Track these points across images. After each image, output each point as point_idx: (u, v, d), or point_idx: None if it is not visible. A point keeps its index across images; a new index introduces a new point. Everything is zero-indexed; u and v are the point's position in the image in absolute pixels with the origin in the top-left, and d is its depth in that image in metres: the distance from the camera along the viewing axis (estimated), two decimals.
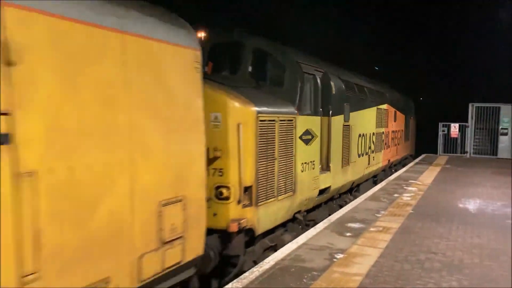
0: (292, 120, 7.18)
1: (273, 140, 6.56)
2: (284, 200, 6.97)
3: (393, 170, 16.56)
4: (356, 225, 7.49)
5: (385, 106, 14.51)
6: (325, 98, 8.62)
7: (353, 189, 11.62)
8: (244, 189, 5.86)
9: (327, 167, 8.80)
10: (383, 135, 14.35)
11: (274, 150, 6.58)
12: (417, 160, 19.51)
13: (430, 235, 6.91)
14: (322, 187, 8.53)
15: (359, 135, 11.33)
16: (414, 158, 20.71)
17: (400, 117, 17.49)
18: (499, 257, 5.89)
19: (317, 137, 8.22)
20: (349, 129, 10.31)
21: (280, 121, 6.76)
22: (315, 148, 8.18)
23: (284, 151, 6.91)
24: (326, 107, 8.62)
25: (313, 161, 8.07)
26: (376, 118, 13.32)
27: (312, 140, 8.00)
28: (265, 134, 6.32)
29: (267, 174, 6.39)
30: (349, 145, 10.36)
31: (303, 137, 7.60)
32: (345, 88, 9.93)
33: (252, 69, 7.45)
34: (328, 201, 9.59)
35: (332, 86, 8.93)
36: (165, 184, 4.24)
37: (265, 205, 6.35)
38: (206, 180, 5.01)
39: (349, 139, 10.35)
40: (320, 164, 8.48)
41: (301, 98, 7.57)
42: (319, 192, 8.45)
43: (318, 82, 8.39)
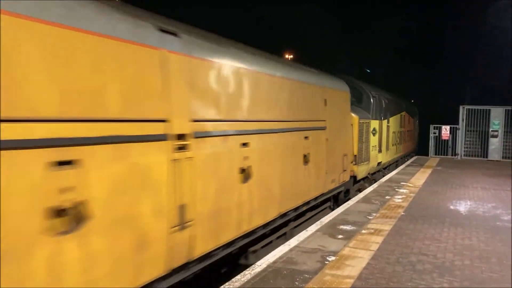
0: (369, 123, 13.46)
1: (362, 133, 12.53)
2: (365, 165, 12.98)
3: (406, 159, 21.91)
4: (348, 228, 7.50)
5: (403, 113, 20.81)
6: (379, 110, 14.82)
7: (386, 168, 17.39)
8: (354, 156, 11.78)
9: (380, 150, 15.11)
10: (403, 133, 20.62)
11: (363, 138, 12.58)
12: (409, 162, 19.61)
13: (422, 237, 6.94)
14: (379, 161, 15.12)
15: (393, 132, 17.82)
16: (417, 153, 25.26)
17: (410, 120, 23.48)
18: (490, 259, 5.93)
19: (377, 132, 14.45)
20: (389, 128, 16.79)
21: (366, 123, 12.99)
22: (376, 138, 14.43)
23: (366, 139, 12.97)
24: (380, 115, 14.94)
25: (375, 146, 14.29)
26: (400, 121, 19.64)
27: (375, 134, 14.23)
28: (360, 130, 12.30)
29: (361, 150, 12.38)
30: (389, 138, 16.85)
31: (372, 132, 13.83)
32: (387, 103, 16.36)
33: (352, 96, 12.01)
34: (379, 171, 15.94)
35: (382, 102, 15.38)
36: (345, 147, 10.61)
37: (360, 165, 12.31)
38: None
39: (389, 134, 16.82)
40: (378, 148, 14.72)
41: (371, 110, 13.80)
42: (377, 164, 14.90)
43: (376, 101, 14.39)
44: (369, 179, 13.82)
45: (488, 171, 16.22)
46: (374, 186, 12.23)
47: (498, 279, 5.20)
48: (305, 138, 7.98)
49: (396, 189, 11.67)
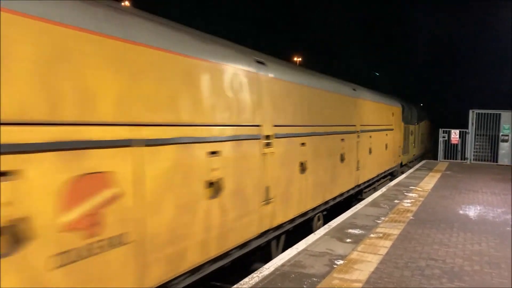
0: (409, 127, 20.58)
1: (406, 134, 19.73)
2: (406, 155, 20.05)
3: (425, 155, 28.28)
4: (356, 231, 7.49)
5: (426, 120, 28.66)
6: (414, 117, 22.45)
7: (411, 161, 22.69)
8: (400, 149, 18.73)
9: (414, 146, 22.61)
10: (425, 135, 28.03)
11: (406, 137, 19.88)
12: (418, 166, 19.51)
13: (430, 242, 6.90)
14: (413, 154, 22.41)
15: (421, 134, 25.84)
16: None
17: (430, 125, 31.27)
18: (500, 265, 5.88)
19: (413, 134, 21.50)
20: (419, 131, 24.40)
21: (407, 127, 20.06)
22: (413, 138, 21.70)
23: (407, 138, 20.11)
24: (414, 121, 22.47)
25: (412, 143, 21.64)
26: (425, 126, 27.50)
27: (412, 135, 21.28)
28: (405, 132, 19.63)
29: (405, 145, 19.62)
30: (419, 138, 24.31)
31: (410, 133, 20.68)
32: (418, 112, 24.44)
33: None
34: (412, 161, 22.57)
35: (416, 112, 23.31)
36: (399, 142, 17.94)
37: (404, 155, 19.18)
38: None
39: (419, 135, 24.60)
40: (413, 144, 22.22)
41: (410, 118, 20.69)
42: (412, 156, 21.66)
43: (413, 111, 22.21)
44: (408, 165, 20.97)
45: (498, 176, 16.07)
46: (383, 190, 12.17)
47: (508, 286, 5.16)
48: (386, 135, 15.28)
49: (405, 193, 11.62)
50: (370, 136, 12.59)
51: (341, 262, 5.83)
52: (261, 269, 5.53)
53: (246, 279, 5.17)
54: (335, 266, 5.66)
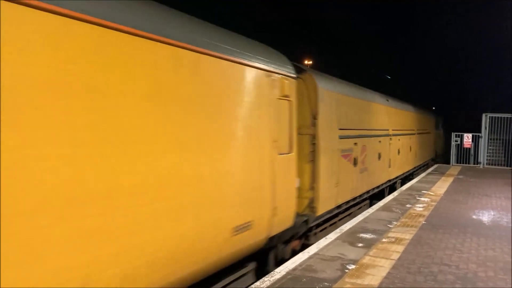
0: (435, 132, 27.35)
1: (436, 137, 27.44)
2: (434, 152, 26.89)
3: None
4: (368, 236, 7.45)
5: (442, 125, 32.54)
6: (438, 125, 28.78)
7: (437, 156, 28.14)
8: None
9: (437, 146, 28.69)
10: (440, 138, 30.94)
11: (436, 139, 27.46)
12: (430, 170, 19.33)
13: (443, 247, 6.84)
14: (436, 151, 28.03)
15: (443, 136, 30.73)
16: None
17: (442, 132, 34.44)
18: None
19: (439, 137, 29.20)
20: (442, 134, 30.58)
21: (435, 132, 27.20)
22: (436, 139, 27.90)
23: (435, 139, 27.55)
24: (439, 127, 29.55)
25: (435, 142, 27.46)
26: (443, 130, 31.46)
27: (437, 137, 28.33)
28: (436, 135, 27.75)
29: (435, 144, 27.58)
30: (441, 140, 30.07)
31: (439, 136, 29.52)
32: (442, 120, 31.50)
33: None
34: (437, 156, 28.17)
35: (439, 121, 29.77)
36: (434, 142, 26.77)
37: (431, 152, 26.10)
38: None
39: (441, 137, 30.19)
40: (438, 144, 28.61)
41: (436, 124, 27.92)
42: (436, 152, 27.92)
43: (438, 119, 28.83)
44: (434, 160, 26.20)
45: None
46: (395, 194, 12.09)
47: None
48: (410, 138, 17.59)
49: (417, 198, 11.52)
50: (399, 139, 15.13)
51: (353, 267, 5.80)
52: (273, 273, 5.53)
53: (258, 283, 5.17)
54: (347, 271, 5.64)
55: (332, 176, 8.32)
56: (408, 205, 10.38)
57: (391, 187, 14.57)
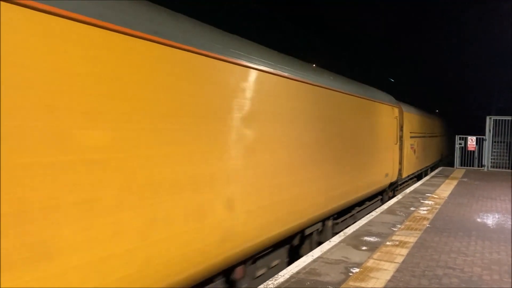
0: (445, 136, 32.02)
1: (446, 140, 32.11)
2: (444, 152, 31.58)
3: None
4: (372, 239, 7.43)
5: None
6: (450, 129, 32.93)
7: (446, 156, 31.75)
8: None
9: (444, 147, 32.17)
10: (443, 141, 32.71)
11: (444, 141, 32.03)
12: (434, 173, 19.28)
13: (448, 250, 6.81)
14: (442, 153, 30.70)
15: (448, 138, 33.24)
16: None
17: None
18: None
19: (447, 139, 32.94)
20: (451, 138, 30.49)
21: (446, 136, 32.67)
22: (440, 143, 29.39)
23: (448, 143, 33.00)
24: (450, 131, 33.13)
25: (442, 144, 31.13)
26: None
27: (446, 139, 31.84)
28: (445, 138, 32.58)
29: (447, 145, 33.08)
30: (447, 142, 32.69)
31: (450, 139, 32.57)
32: (451, 126, 35.12)
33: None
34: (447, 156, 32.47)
35: (444, 124, 31.08)
36: (445, 144, 31.36)
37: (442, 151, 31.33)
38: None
39: (447, 141, 32.27)
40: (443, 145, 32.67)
41: (445, 129, 32.22)
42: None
43: (450, 124, 34.58)
44: (442, 160, 28.74)
45: None
46: (399, 197, 12.06)
47: None
48: (440, 139, 26.81)
49: (421, 201, 11.48)
50: (430, 140, 21.99)
51: (357, 270, 5.78)
52: (276, 277, 5.52)
53: (261, 286, 5.16)
54: (351, 274, 5.62)
55: (407, 158, 15.60)
56: (412, 208, 10.35)
57: (425, 173, 20.95)
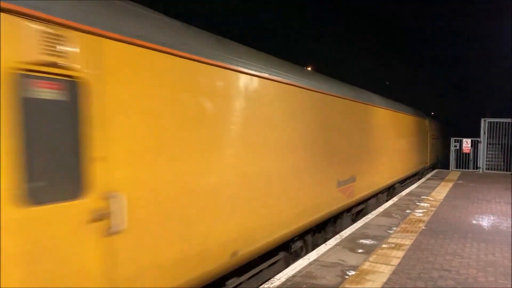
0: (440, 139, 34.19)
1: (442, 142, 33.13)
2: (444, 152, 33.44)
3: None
4: (368, 242, 7.44)
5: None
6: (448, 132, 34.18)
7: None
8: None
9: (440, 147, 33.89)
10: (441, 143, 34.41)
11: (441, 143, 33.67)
12: (429, 176, 19.34)
13: (443, 252, 6.83)
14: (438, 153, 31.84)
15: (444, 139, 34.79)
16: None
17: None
18: None
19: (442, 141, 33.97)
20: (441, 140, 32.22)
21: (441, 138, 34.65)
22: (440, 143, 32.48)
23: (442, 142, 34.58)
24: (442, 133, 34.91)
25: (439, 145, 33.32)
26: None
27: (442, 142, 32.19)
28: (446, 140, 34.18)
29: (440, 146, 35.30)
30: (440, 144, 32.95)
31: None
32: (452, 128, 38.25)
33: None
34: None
35: (443, 128, 34.35)
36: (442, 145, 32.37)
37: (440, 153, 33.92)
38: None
39: (441, 143, 31.91)
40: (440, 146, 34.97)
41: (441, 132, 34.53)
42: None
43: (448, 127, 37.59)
44: (437, 159, 30.26)
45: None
46: (394, 200, 12.08)
47: None
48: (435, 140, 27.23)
49: (417, 203, 11.51)
50: (437, 140, 26.44)
51: (353, 273, 5.78)
52: (272, 280, 5.51)
53: None
54: (347, 277, 5.62)
55: (429, 154, 21.89)
56: (408, 211, 10.37)
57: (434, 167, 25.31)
